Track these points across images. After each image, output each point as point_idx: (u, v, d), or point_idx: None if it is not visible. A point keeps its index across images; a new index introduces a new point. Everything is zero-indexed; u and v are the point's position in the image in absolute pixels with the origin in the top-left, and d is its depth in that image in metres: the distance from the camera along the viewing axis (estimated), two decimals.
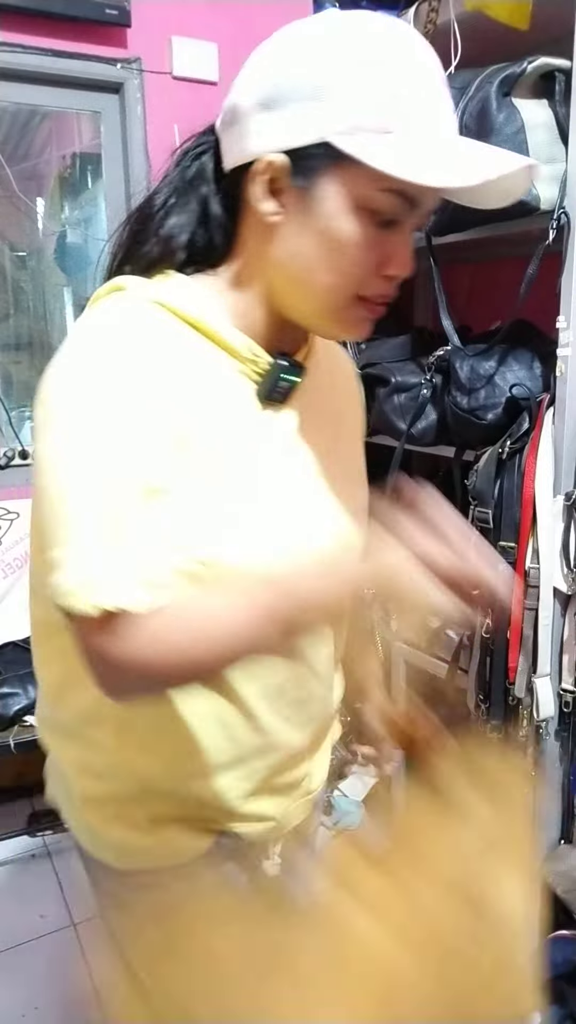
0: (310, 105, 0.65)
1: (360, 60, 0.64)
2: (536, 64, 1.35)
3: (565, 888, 1.52)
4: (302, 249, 0.70)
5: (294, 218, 0.70)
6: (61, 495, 0.64)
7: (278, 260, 0.72)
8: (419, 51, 0.67)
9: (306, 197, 0.68)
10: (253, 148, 0.69)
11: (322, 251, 0.69)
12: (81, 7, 2.26)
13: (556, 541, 1.46)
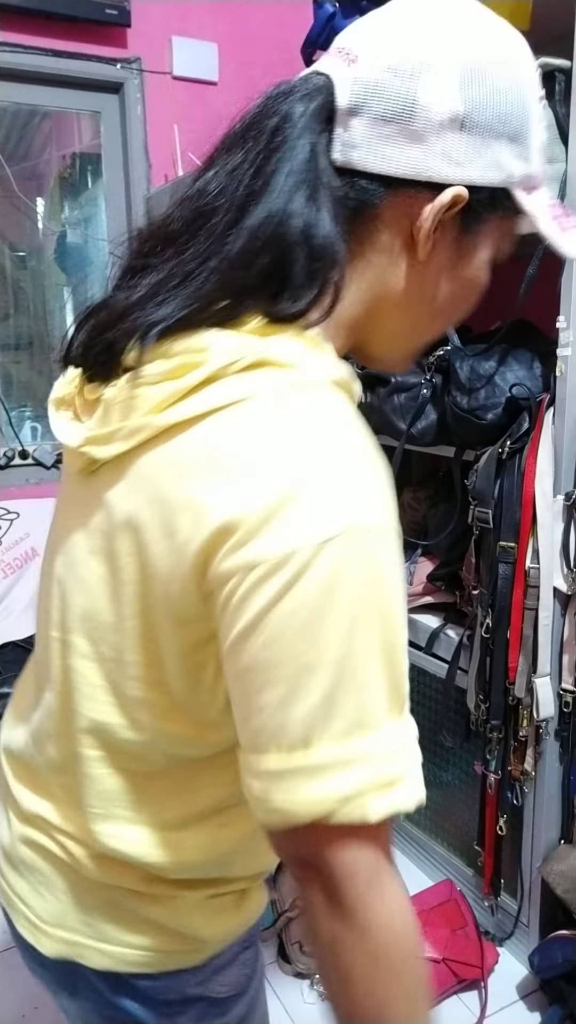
0: (509, 145, 0.59)
1: (539, 108, 0.59)
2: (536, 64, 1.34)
3: (565, 888, 1.52)
4: (439, 293, 0.62)
5: (441, 258, 0.61)
6: (358, 671, 0.51)
7: (405, 301, 0.62)
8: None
9: (464, 240, 0.61)
10: (442, 172, 0.57)
11: (459, 298, 0.64)
12: (81, 7, 2.26)
13: (556, 541, 1.46)
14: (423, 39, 0.57)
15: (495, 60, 0.58)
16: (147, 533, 0.56)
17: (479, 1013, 1.59)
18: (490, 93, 0.57)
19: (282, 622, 0.50)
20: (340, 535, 0.49)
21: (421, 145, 0.57)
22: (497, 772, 1.60)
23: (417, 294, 0.62)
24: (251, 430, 0.52)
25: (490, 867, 1.69)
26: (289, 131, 0.57)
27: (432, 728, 1.86)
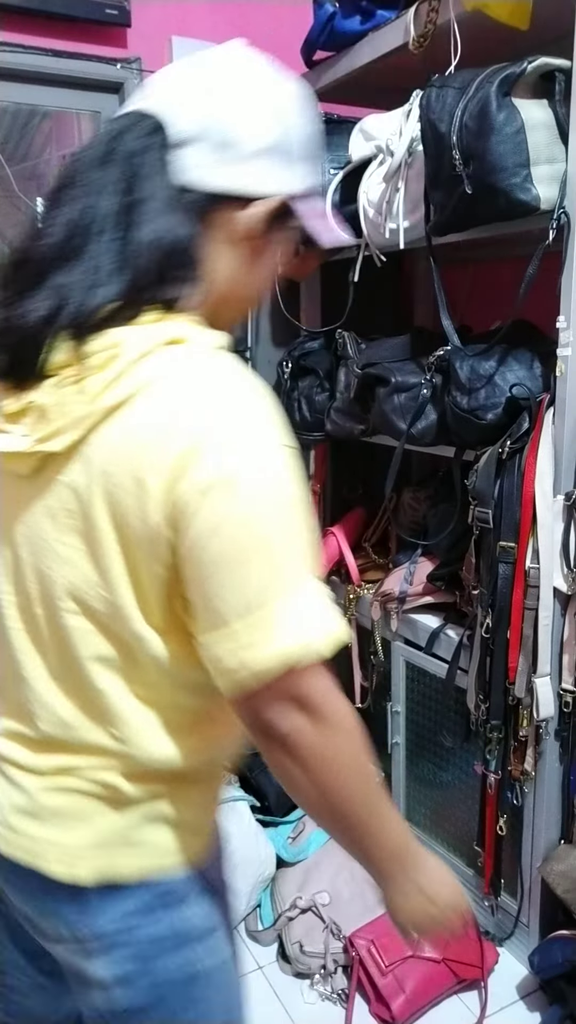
0: (310, 165, 0.80)
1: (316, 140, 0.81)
2: (536, 64, 1.35)
3: (565, 888, 1.52)
4: (257, 280, 0.84)
5: (261, 253, 0.81)
6: (285, 547, 0.70)
7: (236, 288, 0.81)
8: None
9: (275, 237, 0.81)
10: (262, 186, 0.77)
11: (267, 280, 0.85)
12: (81, 7, 2.26)
13: (556, 541, 1.46)
14: (241, 84, 0.76)
15: (291, 103, 0.78)
16: (119, 492, 0.70)
17: (479, 1013, 1.59)
18: (290, 127, 0.77)
19: (227, 521, 0.68)
20: (254, 453, 0.69)
21: (239, 168, 0.75)
22: (497, 772, 1.60)
23: (245, 278, 0.81)
24: (178, 393, 0.70)
25: (490, 867, 1.69)
26: (139, 164, 0.73)
27: (432, 728, 1.86)
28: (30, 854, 0.82)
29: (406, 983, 1.56)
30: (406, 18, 1.63)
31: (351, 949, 1.62)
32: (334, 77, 1.93)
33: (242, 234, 0.78)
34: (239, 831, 1.79)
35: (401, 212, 1.65)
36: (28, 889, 0.84)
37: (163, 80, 0.77)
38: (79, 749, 0.79)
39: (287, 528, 0.70)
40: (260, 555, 0.68)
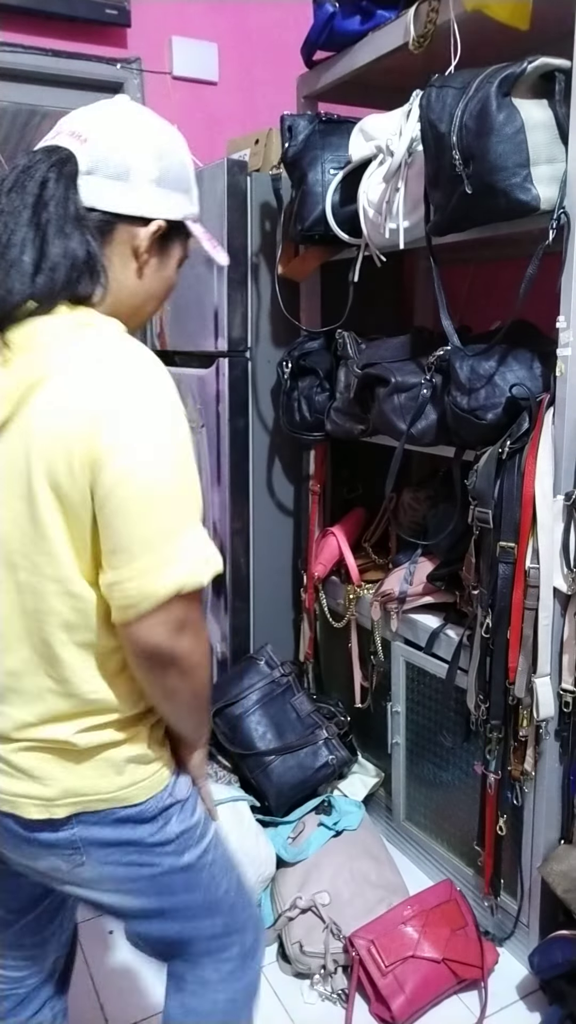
0: (183, 195, 1.01)
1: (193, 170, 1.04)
2: (536, 64, 1.35)
3: (565, 888, 1.52)
4: (152, 287, 1.01)
5: (153, 264, 0.99)
6: (176, 493, 0.88)
7: (135, 293, 0.99)
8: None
9: (163, 252, 1.00)
10: (150, 210, 0.96)
11: (162, 288, 1.03)
12: (81, 7, 2.27)
13: (556, 541, 1.46)
14: (131, 129, 0.96)
15: (171, 146, 0.99)
16: (52, 456, 0.85)
17: (479, 1013, 1.59)
18: (169, 165, 0.97)
19: (130, 474, 0.84)
20: (150, 419, 0.86)
21: (135, 194, 0.95)
22: (497, 772, 1.60)
23: (145, 288, 1.00)
24: (91, 369, 0.86)
25: (490, 867, 1.69)
26: (54, 189, 0.89)
27: (432, 728, 1.86)
28: (8, 804, 0.96)
29: (406, 983, 1.56)
30: (406, 18, 1.63)
31: (351, 949, 1.62)
32: (334, 77, 1.93)
33: (137, 248, 0.96)
34: (239, 831, 1.79)
35: (401, 212, 1.65)
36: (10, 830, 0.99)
37: (69, 123, 0.96)
38: (30, 699, 0.94)
39: (179, 481, 0.87)
40: (159, 502, 0.85)
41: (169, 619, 0.87)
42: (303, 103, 2.10)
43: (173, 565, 0.86)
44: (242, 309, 2.12)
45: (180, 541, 0.87)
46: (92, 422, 0.84)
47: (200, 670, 0.95)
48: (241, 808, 1.85)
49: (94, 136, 0.94)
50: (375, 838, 1.96)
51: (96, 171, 0.92)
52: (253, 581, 2.31)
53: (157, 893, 1.04)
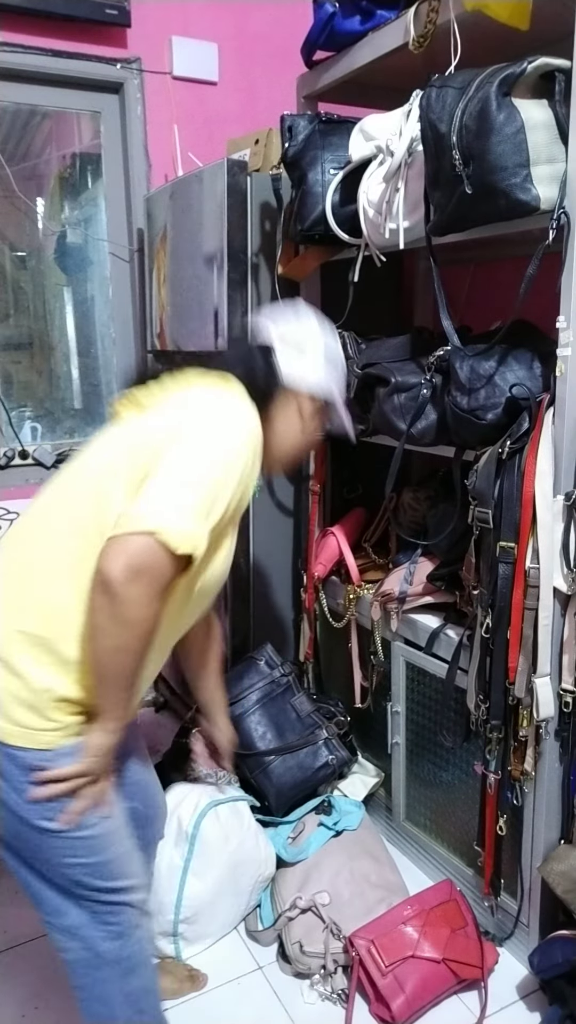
0: (339, 382, 1.39)
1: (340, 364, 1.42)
2: (536, 64, 1.35)
3: (565, 888, 1.52)
4: (300, 440, 1.37)
5: (299, 423, 1.34)
6: (200, 480, 1.07)
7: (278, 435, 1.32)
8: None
9: (311, 418, 1.35)
10: (308, 386, 1.33)
11: (306, 445, 1.39)
12: (81, 7, 2.26)
13: (556, 541, 1.46)
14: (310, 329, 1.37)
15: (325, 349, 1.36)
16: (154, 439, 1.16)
17: (479, 1013, 1.59)
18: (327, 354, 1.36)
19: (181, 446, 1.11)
20: (215, 425, 1.17)
21: (302, 369, 1.32)
22: (497, 772, 1.60)
23: (293, 438, 1.35)
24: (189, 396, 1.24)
25: (490, 867, 1.69)
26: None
27: (432, 728, 1.86)
28: None
29: (406, 983, 1.56)
30: (406, 18, 1.63)
31: (351, 949, 1.62)
32: (334, 77, 1.93)
33: (299, 408, 1.32)
34: (239, 831, 1.79)
35: (401, 212, 1.65)
36: None
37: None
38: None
39: (209, 477, 1.08)
40: (185, 475, 1.07)
41: (132, 554, 1.00)
42: (303, 103, 2.10)
43: (166, 515, 1.02)
44: (242, 309, 2.12)
45: (183, 510, 1.04)
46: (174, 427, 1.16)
47: (132, 628, 1.04)
48: (241, 808, 1.85)
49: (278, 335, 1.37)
50: (375, 838, 1.96)
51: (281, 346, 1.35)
52: (253, 581, 2.31)
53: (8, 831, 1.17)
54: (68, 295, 2.73)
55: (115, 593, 1.01)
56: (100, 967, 1.21)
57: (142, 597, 1.02)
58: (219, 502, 1.08)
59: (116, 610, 1.02)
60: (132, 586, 1.00)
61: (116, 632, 1.04)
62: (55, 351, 2.75)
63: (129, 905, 1.22)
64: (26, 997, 1.67)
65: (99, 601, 1.03)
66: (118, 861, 1.21)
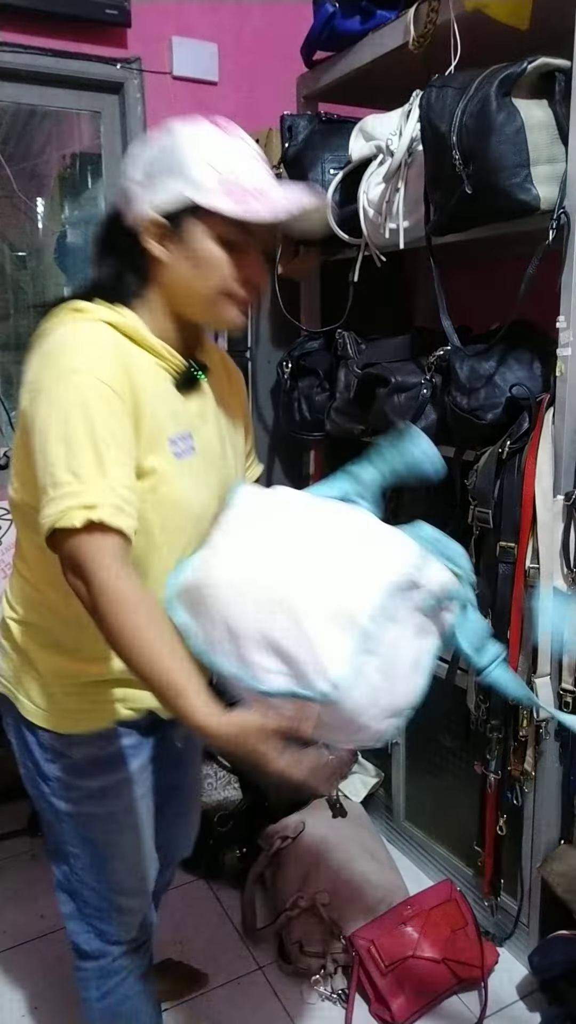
0: (174, 178, 1.00)
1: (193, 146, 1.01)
2: (536, 64, 1.35)
3: (565, 888, 1.52)
4: (184, 271, 1.03)
5: (176, 253, 1.03)
6: (67, 444, 0.91)
7: (171, 281, 1.05)
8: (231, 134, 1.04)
9: (178, 239, 1.02)
10: (141, 213, 1.02)
11: (203, 267, 1.03)
12: (81, 7, 2.26)
13: (556, 541, 1.46)
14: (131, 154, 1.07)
15: (152, 141, 1.05)
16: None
17: (479, 1013, 1.59)
18: (150, 159, 1.03)
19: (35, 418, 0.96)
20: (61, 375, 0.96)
21: (133, 205, 1.04)
22: (497, 772, 1.60)
23: (176, 276, 1.04)
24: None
25: (490, 867, 1.69)
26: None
27: (432, 728, 1.86)
28: None
29: (406, 983, 1.56)
30: (406, 18, 1.63)
31: (351, 949, 1.62)
32: (334, 77, 1.93)
33: (152, 245, 1.03)
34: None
35: (401, 212, 1.65)
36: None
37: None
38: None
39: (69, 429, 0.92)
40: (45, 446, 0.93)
41: (63, 559, 0.92)
42: (303, 103, 2.10)
43: (55, 505, 0.90)
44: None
45: (57, 485, 0.91)
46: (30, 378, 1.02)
47: (105, 616, 0.90)
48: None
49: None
50: (375, 838, 1.96)
51: (120, 206, 1.06)
52: None
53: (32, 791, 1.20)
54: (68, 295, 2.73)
55: (83, 596, 0.92)
56: (81, 916, 1.24)
57: (89, 589, 0.90)
58: (103, 443, 0.92)
59: (83, 599, 0.92)
60: (78, 583, 0.91)
61: (94, 614, 0.92)
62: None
63: (119, 912, 1.23)
64: (26, 997, 1.67)
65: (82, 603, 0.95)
66: (119, 871, 1.21)
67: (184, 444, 1.06)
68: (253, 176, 1.02)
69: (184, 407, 1.08)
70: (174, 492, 1.03)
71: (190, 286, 1.04)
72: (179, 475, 1.04)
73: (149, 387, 1.01)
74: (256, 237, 1.03)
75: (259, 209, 0.98)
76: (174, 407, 1.06)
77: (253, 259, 1.05)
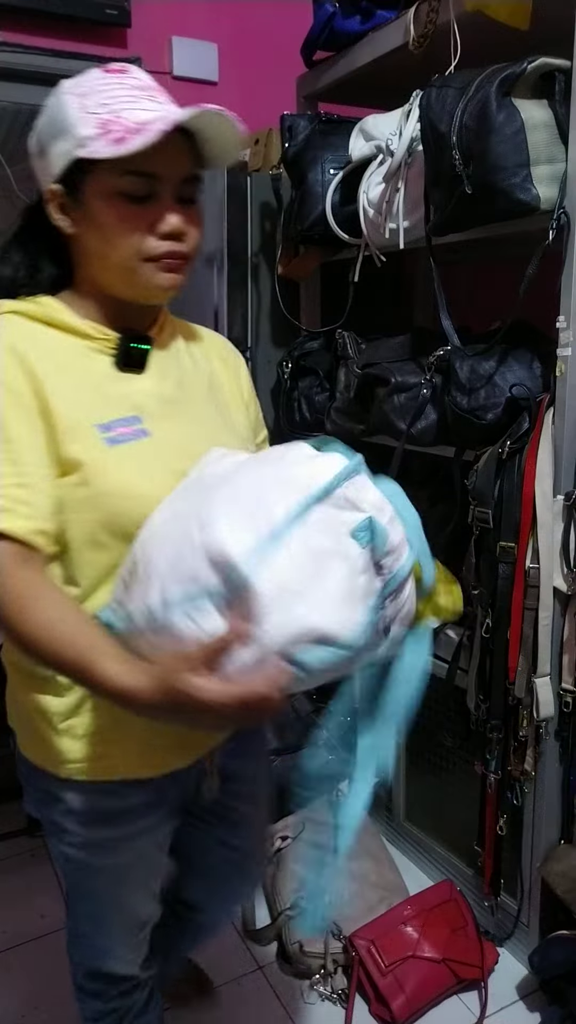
0: (60, 140, 0.90)
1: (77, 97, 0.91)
2: (536, 64, 1.35)
3: (565, 888, 1.52)
4: (92, 241, 0.92)
5: (81, 223, 0.92)
6: None
7: (85, 256, 0.95)
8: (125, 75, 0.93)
9: (79, 200, 0.91)
10: (42, 187, 0.95)
11: (107, 228, 0.90)
12: (81, 7, 2.26)
13: (556, 541, 1.46)
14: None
15: (44, 107, 0.94)
16: None
17: (479, 1013, 1.59)
18: (41, 126, 0.94)
19: None
20: None
21: (37, 180, 0.97)
22: (497, 772, 1.60)
23: (88, 247, 0.93)
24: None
25: (490, 867, 1.69)
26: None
27: (432, 728, 1.86)
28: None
29: (406, 983, 1.56)
30: (406, 18, 1.63)
31: (351, 949, 1.62)
32: (334, 77, 1.93)
33: (54, 216, 0.95)
34: None
35: (401, 212, 1.65)
36: None
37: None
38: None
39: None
40: None
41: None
42: (303, 103, 2.10)
43: None
44: (242, 309, 2.12)
45: None
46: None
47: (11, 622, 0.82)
48: None
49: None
50: (375, 838, 1.96)
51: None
52: None
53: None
54: None
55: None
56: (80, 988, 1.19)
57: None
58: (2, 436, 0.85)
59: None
60: None
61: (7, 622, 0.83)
62: None
63: (106, 978, 1.15)
64: (26, 997, 1.67)
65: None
66: (108, 934, 1.12)
67: (125, 428, 0.92)
68: (137, 109, 0.88)
69: (128, 388, 0.95)
70: (109, 483, 0.89)
71: (104, 258, 0.92)
72: (115, 463, 0.89)
73: (69, 372, 0.91)
74: (164, 181, 0.89)
75: (138, 140, 0.84)
76: (109, 389, 0.94)
77: (166, 206, 0.90)
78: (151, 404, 0.96)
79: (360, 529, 0.81)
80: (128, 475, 0.90)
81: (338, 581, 0.79)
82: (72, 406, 0.89)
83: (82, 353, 0.94)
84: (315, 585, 0.77)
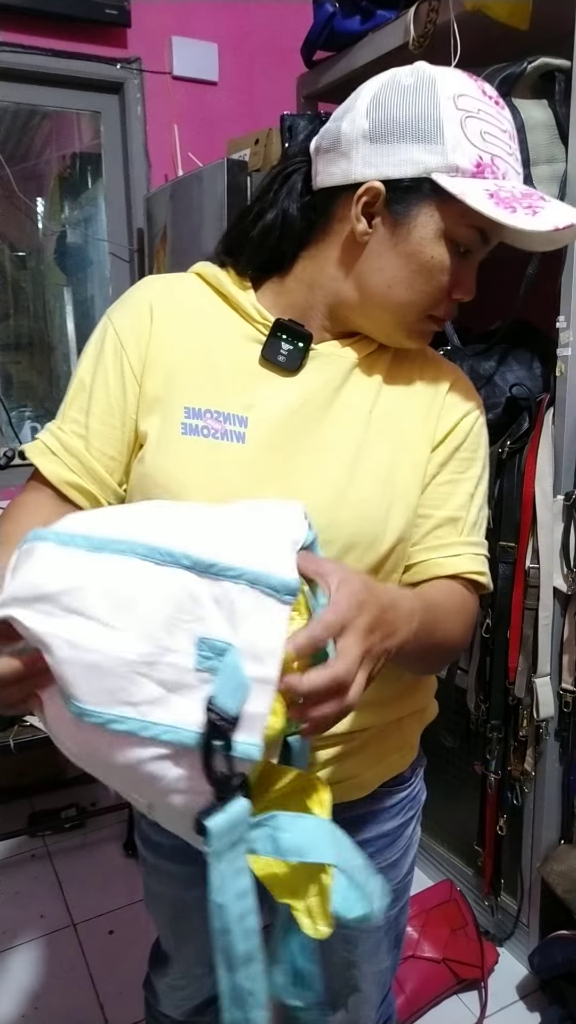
0: (419, 144, 0.75)
1: (461, 113, 0.75)
2: (536, 64, 1.35)
3: (565, 888, 1.52)
4: (386, 267, 0.79)
5: (383, 239, 0.79)
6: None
7: (360, 273, 0.81)
8: (502, 109, 0.78)
9: (399, 223, 0.77)
10: (357, 173, 0.77)
11: (406, 271, 0.79)
12: (81, 7, 2.26)
13: (556, 541, 1.46)
14: (353, 96, 0.79)
15: (397, 90, 0.76)
16: None
17: (479, 1013, 1.59)
18: (388, 113, 0.75)
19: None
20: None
21: (347, 159, 0.78)
22: (497, 772, 1.60)
23: (373, 268, 0.80)
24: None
25: (490, 867, 1.69)
26: (289, 169, 0.85)
27: (432, 728, 1.86)
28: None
29: (406, 983, 1.56)
30: (406, 18, 1.63)
31: None
32: (334, 77, 1.93)
33: (354, 219, 0.79)
34: None
35: None
36: None
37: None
38: None
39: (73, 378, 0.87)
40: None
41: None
42: (303, 103, 2.10)
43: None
44: None
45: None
46: None
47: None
48: None
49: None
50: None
51: (319, 150, 0.81)
52: None
53: None
54: (68, 295, 2.73)
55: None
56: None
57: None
58: (80, 387, 0.85)
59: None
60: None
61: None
62: (55, 351, 2.75)
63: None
64: (26, 997, 1.67)
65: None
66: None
67: (217, 424, 0.79)
68: (511, 169, 0.78)
69: (259, 387, 0.81)
70: (156, 470, 0.79)
71: (387, 287, 0.79)
72: (174, 452, 0.79)
73: (201, 347, 0.82)
74: (488, 245, 0.81)
75: (533, 219, 0.73)
76: (234, 379, 0.81)
77: (472, 269, 0.82)
78: (274, 412, 0.80)
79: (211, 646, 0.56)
80: (180, 467, 0.78)
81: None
82: (170, 377, 0.81)
83: (233, 331, 0.83)
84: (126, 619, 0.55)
